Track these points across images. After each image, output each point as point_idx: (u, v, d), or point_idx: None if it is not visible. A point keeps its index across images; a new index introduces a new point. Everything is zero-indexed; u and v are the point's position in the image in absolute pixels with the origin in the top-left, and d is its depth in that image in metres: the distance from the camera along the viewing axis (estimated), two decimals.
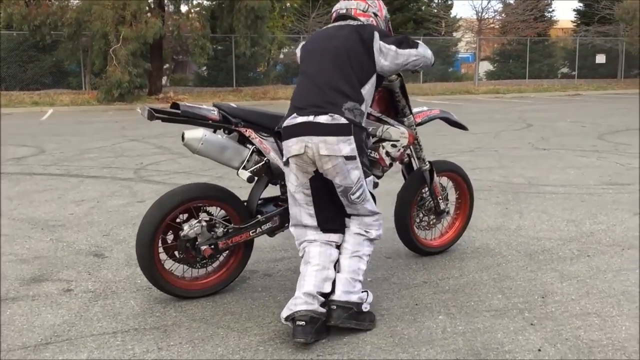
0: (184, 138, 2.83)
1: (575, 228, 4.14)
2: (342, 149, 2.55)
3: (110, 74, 17.52)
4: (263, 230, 3.05)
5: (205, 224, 2.91)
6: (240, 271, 3.12)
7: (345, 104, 2.60)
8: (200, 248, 2.88)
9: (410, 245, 3.57)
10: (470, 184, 3.78)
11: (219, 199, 2.97)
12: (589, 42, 30.28)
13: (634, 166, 6.44)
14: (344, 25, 2.84)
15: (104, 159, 7.46)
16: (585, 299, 2.90)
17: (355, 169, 2.62)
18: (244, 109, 3.00)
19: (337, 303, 2.60)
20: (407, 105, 3.31)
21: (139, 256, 2.85)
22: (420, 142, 3.44)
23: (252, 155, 2.92)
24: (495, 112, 14.48)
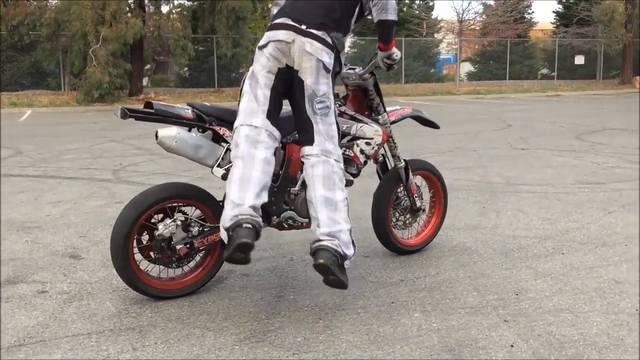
0: (158, 136, 2.83)
1: (551, 226, 4.19)
2: (323, 55, 2.73)
3: (89, 75, 17.35)
4: None
5: (181, 223, 2.91)
6: (216, 271, 3.12)
7: (332, 32, 2.77)
8: (176, 247, 2.88)
9: (388, 244, 3.60)
10: (444, 182, 3.83)
11: (194, 198, 2.96)
12: (568, 43, 30.68)
13: (609, 165, 6.54)
14: None
15: (82, 160, 7.39)
16: (558, 296, 2.94)
17: (325, 85, 2.78)
18: (217, 108, 3.01)
19: (323, 246, 2.65)
20: (380, 104, 3.35)
21: (113, 256, 2.83)
22: (394, 140, 3.47)
23: (227, 153, 2.92)
24: (476, 113, 14.60)
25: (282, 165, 3.09)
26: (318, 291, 3.07)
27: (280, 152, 3.08)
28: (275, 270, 3.40)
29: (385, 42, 3.00)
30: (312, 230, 2.78)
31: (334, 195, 2.76)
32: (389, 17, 2.85)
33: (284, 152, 3.09)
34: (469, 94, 22.97)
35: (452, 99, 21.00)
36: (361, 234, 4.04)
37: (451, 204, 4.74)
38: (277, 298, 2.99)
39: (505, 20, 29.74)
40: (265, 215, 3.13)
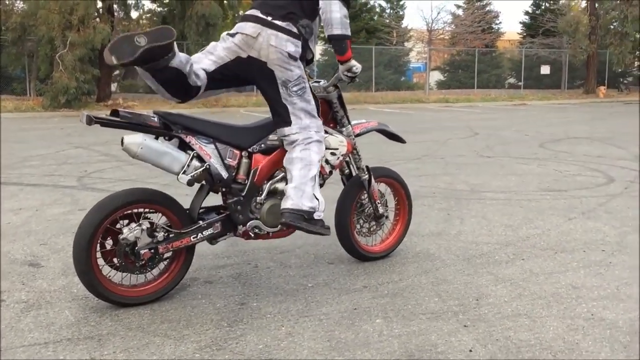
0: (123, 142, 2.81)
1: (512, 233, 4.27)
2: (288, 46, 2.90)
3: (56, 80, 17.09)
4: (204, 236, 3.05)
5: (146, 228, 2.89)
6: (180, 278, 3.10)
7: (301, 20, 2.94)
8: (140, 252, 2.86)
9: (352, 251, 3.62)
10: (408, 189, 3.87)
11: (160, 204, 2.95)
12: (534, 53, 31.35)
13: (571, 173, 6.69)
14: None
15: (46, 167, 7.26)
16: (517, 301, 3.00)
17: (297, 69, 2.97)
18: (184, 116, 3.02)
19: (288, 210, 2.93)
20: (345, 116, 3.42)
21: (75, 259, 2.79)
22: (359, 152, 3.53)
23: (192, 160, 2.93)
24: (445, 121, 14.79)
25: (248, 175, 3.11)
26: (282, 298, 3.07)
27: (246, 161, 3.11)
28: (240, 277, 3.39)
29: (339, 54, 3.08)
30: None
31: (305, 182, 2.97)
32: (334, 32, 2.98)
33: (250, 161, 3.12)
34: (438, 102, 23.27)
35: (422, 107, 21.24)
36: (326, 240, 4.06)
37: (417, 211, 4.80)
38: (240, 305, 2.98)
39: (473, 30, 30.32)
40: (232, 225, 3.15)
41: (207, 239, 3.10)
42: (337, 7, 2.95)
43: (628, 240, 4.02)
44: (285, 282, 3.30)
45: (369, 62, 28.05)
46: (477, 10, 32.21)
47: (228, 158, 3.05)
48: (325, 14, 2.98)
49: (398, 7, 37.22)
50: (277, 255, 3.78)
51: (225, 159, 3.04)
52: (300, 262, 3.66)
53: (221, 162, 3.02)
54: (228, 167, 3.04)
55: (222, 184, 3.04)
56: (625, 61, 28.46)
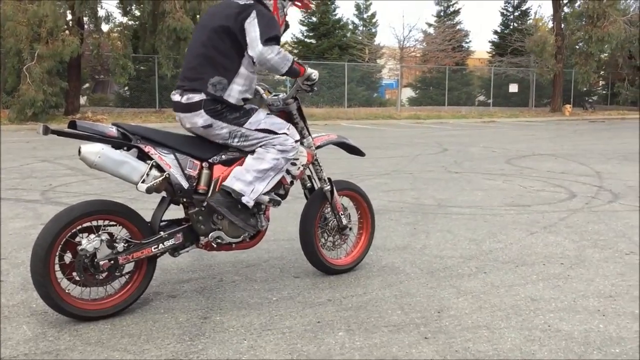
0: (80, 152, 2.81)
1: (476, 246, 4.33)
2: (197, 121, 3.09)
3: (23, 93, 16.82)
4: (166, 246, 3.04)
5: (105, 239, 2.87)
6: (141, 292, 3.07)
7: (211, 78, 3.06)
8: (99, 263, 2.83)
9: (317, 264, 3.64)
10: (370, 202, 3.91)
11: (118, 215, 2.94)
12: (503, 72, 32.02)
13: (535, 189, 6.83)
14: (232, 3, 3.13)
15: (9, 181, 7.13)
16: (477, 313, 3.04)
17: (221, 129, 3.12)
18: (142, 127, 3.05)
19: (222, 187, 3.08)
20: (305, 127, 3.48)
21: (32, 271, 2.75)
22: (319, 162, 3.58)
23: (152, 169, 2.93)
24: (415, 137, 14.97)
25: (209, 186, 3.11)
26: (245, 312, 3.06)
27: (206, 172, 3.12)
28: (204, 291, 3.37)
29: (295, 76, 3.23)
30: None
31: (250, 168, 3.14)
32: (282, 72, 3.11)
33: (211, 172, 3.13)
34: (410, 119, 23.54)
35: (394, 123, 21.46)
36: (293, 254, 4.07)
37: (384, 225, 4.85)
38: (202, 319, 2.96)
39: (444, 48, 30.82)
40: (194, 236, 3.14)
41: (169, 250, 3.09)
42: (270, 54, 3.01)
43: (586, 254, 4.11)
44: (250, 296, 3.30)
45: (341, 78, 28.30)
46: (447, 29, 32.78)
47: (188, 168, 3.05)
48: (264, 65, 3.11)
49: (370, 25, 37.73)
50: (242, 269, 3.78)
51: (185, 169, 3.04)
52: (266, 275, 3.66)
53: (181, 172, 3.02)
54: (189, 178, 3.04)
55: (182, 194, 3.04)
56: (590, 80, 29.23)
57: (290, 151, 3.21)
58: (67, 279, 2.87)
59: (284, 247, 4.25)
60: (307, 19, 35.29)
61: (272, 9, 3.22)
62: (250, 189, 3.11)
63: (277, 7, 3.25)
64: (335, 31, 34.50)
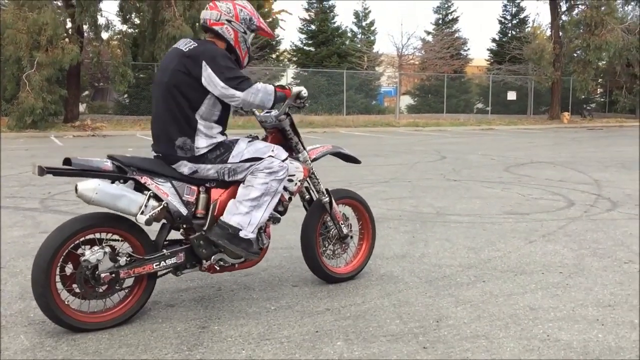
0: (77, 189, 2.80)
1: (475, 255, 4.33)
2: (183, 170, 3.10)
3: (22, 100, 16.85)
4: (167, 265, 3.05)
5: (108, 251, 2.88)
6: (140, 307, 3.07)
7: (176, 141, 3.06)
8: (100, 275, 2.84)
9: (319, 272, 3.65)
10: (370, 209, 3.92)
11: (123, 229, 2.95)
12: (501, 79, 32.09)
13: (533, 197, 6.83)
14: (176, 53, 3.12)
15: (8, 189, 7.12)
16: (476, 323, 3.04)
17: (208, 171, 3.13)
18: (138, 158, 3.06)
19: (218, 222, 3.08)
20: (299, 142, 3.50)
21: (33, 281, 2.75)
22: (317, 176, 3.60)
23: (150, 200, 2.93)
24: (414, 145, 14.99)
25: (207, 209, 3.13)
26: (244, 321, 3.06)
27: (204, 196, 3.13)
28: (202, 300, 3.37)
29: (282, 101, 3.27)
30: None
31: (243, 199, 3.12)
32: (268, 107, 3.17)
33: (208, 196, 3.15)
34: (408, 126, 23.57)
35: (392, 131, 21.49)
36: (292, 263, 4.07)
37: (382, 234, 4.85)
38: (201, 329, 2.95)
39: (442, 56, 30.91)
40: (196, 260, 3.15)
41: (171, 269, 3.10)
42: (251, 97, 3.05)
43: (585, 263, 4.11)
44: (248, 305, 3.29)
45: (340, 85, 28.36)
46: (446, 37, 32.89)
47: (186, 194, 3.06)
48: (250, 107, 3.18)
49: (369, 33, 37.83)
50: (241, 278, 3.77)
51: (183, 195, 3.05)
52: (264, 285, 3.66)
53: (179, 199, 3.03)
54: (187, 204, 3.06)
55: (182, 220, 3.05)
56: (588, 88, 29.30)
57: (279, 171, 3.18)
58: (66, 290, 2.87)
59: (283, 256, 4.25)
60: (306, 27, 35.40)
61: (233, 43, 3.21)
62: (247, 220, 3.09)
63: (239, 41, 3.23)
64: (334, 39, 34.60)
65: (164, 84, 3.08)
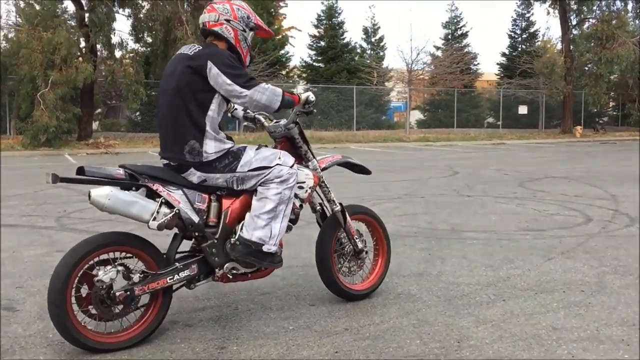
0: (90, 196, 2.82)
1: (493, 273, 4.28)
2: (192, 179, 3.11)
3: (36, 119, 17.04)
4: (181, 277, 3.05)
5: (121, 269, 2.88)
6: (157, 324, 3.05)
7: (185, 146, 3.05)
8: (115, 294, 2.84)
9: (336, 290, 3.63)
10: (383, 224, 3.91)
11: (134, 246, 2.96)
12: (511, 94, 32.03)
13: (550, 213, 6.77)
14: (181, 57, 3.13)
15: (24, 207, 7.17)
16: (498, 343, 2.99)
17: (217, 180, 3.14)
18: (149, 166, 3.08)
19: (239, 240, 3.08)
20: (308, 151, 3.52)
21: (49, 302, 2.75)
22: (327, 184, 3.62)
23: (161, 207, 2.94)
24: (425, 160, 14.95)
25: (219, 218, 3.14)
26: (262, 341, 3.03)
27: (215, 204, 3.15)
28: (220, 320, 3.35)
29: (291, 107, 3.28)
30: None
31: (259, 213, 3.12)
32: (275, 107, 3.13)
33: (219, 204, 3.16)
34: (419, 141, 23.55)
35: (403, 146, 21.47)
36: (308, 281, 4.04)
37: (398, 251, 4.81)
38: (219, 349, 2.93)
39: (452, 71, 30.91)
40: (209, 268, 3.14)
41: (185, 281, 3.09)
42: (258, 95, 3.05)
43: (607, 281, 4.05)
44: (266, 325, 3.27)
45: (350, 101, 28.43)
46: (455, 52, 32.94)
47: (197, 202, 3.07)
48: (255, 108, 3.19)
49: (378, 48, 37.98)
50: (257, 296, 3.75)
51: (194, 203, 3.06)
52: (281, 303, 3.63)
53: (190, 206, 3.04)
54: (198, 211, 3.06)
55: (194, 228, 3.05)
56: (600, 102, 29.19)
57: (290, 179, 3.18)
58: (82, 311, 2.87)
59: (298, 274, 4.23)
60: (315, 43, 35.61)
61: (234, 42, 3.21)
62: (268, 234, 3.10)
63: (239, 39, 3.23)
64: (344, 55, 34.75)
65: (171, 89, 3.08)
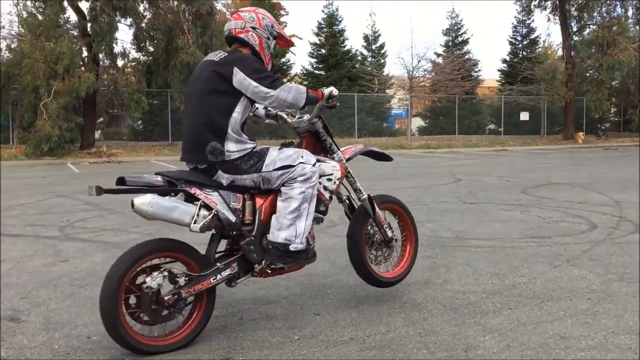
0: (134, 205, 2.91)
1: (499, 281, 4.27)
2: (222, 181, 3.20)
3: (39, 128, 17.09)
4: (223, 277, 3.19)
5: (167, 274, 2.98)
6: (202, 327, 3.16)
7: (206, 147, 3.13)
8: (164, 299, 2.94)
9: (369, 279, 3.77)
10: (410, 211, 4.06)
11: (176, 251, 3.07)
12: (513, 100, 32.05)
13: (554, 220, 6.75)
14: (208, 63, 3.23)
15: (28, 217, 7.17)
16: (506, 352, 2.97)
17: (244, 181, 3.22)
18: (184, 171, 3.21)
19: (270, 243, 3.20)
20: (332, 143, 3.65)
21: (102, 311, 2.84)
22: (352, 174, 3.74)
23: (201, 210, 3.06)
24: (427, 167, 14.94)
25: (253, 215, 3.27)
26: (268, 351, 3.02)
27: (249, 203, 3.27)
28: (225, 330, 3.34)
29: (315, 103, 3.35)
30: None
31: (284, 213, 3.20)
32: (300, 105, 3.22)
33: (253, 202, 3.29)
34: (421, 148, 23.56)
35: (405, 153, 21.47)
36: (312, 290, 4.03)
37: None
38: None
39: (453, 77, 30.93)
40: (248, 265, 3.29)
41: (226, 280, 3.22)
42: (284, 94, 3.15)
43: (613, 288, 4.03)
44: (271, 335, 3.25)
45: (351, 108, 28.47)
46: (456, 59, 32.98)
47: (232, 202, 3.19)
48: (282, 107, 3.24)
49: (379, 56, 38.07)
50: (262, 306, 3.74)
51: (230, 203, 3.18)
52: (286, 313, 3.62)
53: (227, 207, 3.16)
54: (234, 211, 3.19)
55: (232, 227, 3.18)
56: (602, 108, 29.18)
57: (312, 177, 3.27)
58: (133, 319, 2.95)
59: (303, 283, 4.21)
60: (316, 51, 35.70)
61: (258, 49, 3.32)
62: (293, 233, 3.20)
63: (263, 47, 3.36)
64: (345, 62, 34.84)
65: (197, 92, 3.20)
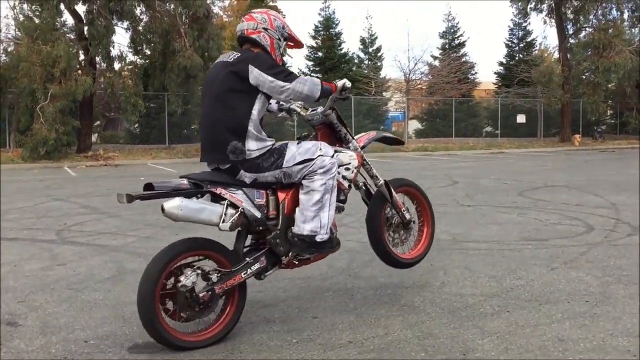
0: (164, 209, 2.97)
1: (497, 284, 4.27)
2: (245, 180, 3.26)
3: (36, 132, 17.05)
4: (253, 271, 3.29)
5: (200, 271, 3.06)
6: (237, 319, 3.26)
7: (227, 147, 3.18)
8: (199, 296, 3.02)
9: (389, 260, 3.90)
10: (425, 194, 4.19)
11: (206, 248, 3.15)
12: (510, 102, 32.12)
13: (551, 222, 6.76)
14: (222, 64, 3.29)
15: (24, 220, 7.15)
16: (504, 355, 2.97)
17: (266, 178, 3.29)
18: (207, 173, 3.30)
19: (296, 235, 3.29)
20: (347, 133, 3.75)
21: (141, 312, 2.92)
22: (368, 162, 3.83)
23: (228, 208, 3.13)
24: (424, 169, 14.96)
25: (277, 210, 3.36)
26: (266, 355, 3.01)
27: (272, 198, 3.36)
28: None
29: (329, 95, 3.41)
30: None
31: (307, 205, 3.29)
32: (316, 96, 3.28)
33: (276, 197, 3.37)
34: (417, 151, 23.59)
35: (401, 156, 21.49)
36: (310, 293, 4.03)
37: None
38: None
39: (449, 80, 31.00)
40: (275, 258, 3.38)
41: (255, 274, 3.30)
42: (300, 86, 3.21)
43: (611, 290, 4.04)
44: (269, 338, 3.25)
45: (348, 111, 28.47)
46: (453, 61, 33.04)
47: (257, 199, 3.28)
48: (298, 99, 3.30)
49: (376, 59, 38.10)
50: (260, 309, 3.73)
51: (254, 200, 3.26)
52: (284, 316, 3.61)
53: (252, 204, 3.24)
54: (259, 207, 3.27)
55: (257, 223, 3.27)
56: (598, 110, 29.27)
57: (332, 168, 3.36)
58: (170, 317, 3.04)
59: (300, 286, 4.21)
60: (313, 54, 35.73)
61: (269, 49, 3.39)
62: (318, 224, 3.29)
63: (274, 47, 3.43)
64: (341, 65, 34.85)
65: (213, 93, 3.26)
